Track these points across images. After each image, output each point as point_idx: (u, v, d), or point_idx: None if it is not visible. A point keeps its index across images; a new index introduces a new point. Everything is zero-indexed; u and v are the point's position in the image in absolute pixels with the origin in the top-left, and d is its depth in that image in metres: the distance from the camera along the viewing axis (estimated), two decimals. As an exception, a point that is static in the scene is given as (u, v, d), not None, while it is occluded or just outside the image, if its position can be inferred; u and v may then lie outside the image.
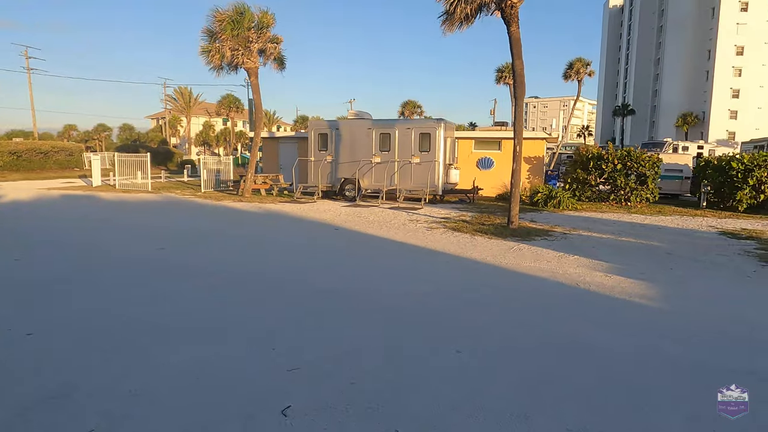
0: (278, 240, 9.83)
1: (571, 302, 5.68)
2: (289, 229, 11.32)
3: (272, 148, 22.49)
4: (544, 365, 3.90)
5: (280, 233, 10.69)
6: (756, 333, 4.76)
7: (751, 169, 15.55)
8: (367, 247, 9.09)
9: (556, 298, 5.82)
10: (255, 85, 17.34)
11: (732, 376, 3.58)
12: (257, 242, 9.51)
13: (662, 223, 12.70)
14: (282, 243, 9.48)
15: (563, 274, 6.92)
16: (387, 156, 16.92)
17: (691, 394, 3.47)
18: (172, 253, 8.22)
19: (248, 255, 8.19)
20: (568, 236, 10.16)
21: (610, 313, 5.33)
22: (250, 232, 10.80)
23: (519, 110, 10.63)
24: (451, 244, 9.09)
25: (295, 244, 9.30)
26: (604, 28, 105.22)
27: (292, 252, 8.55)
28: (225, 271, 6.93)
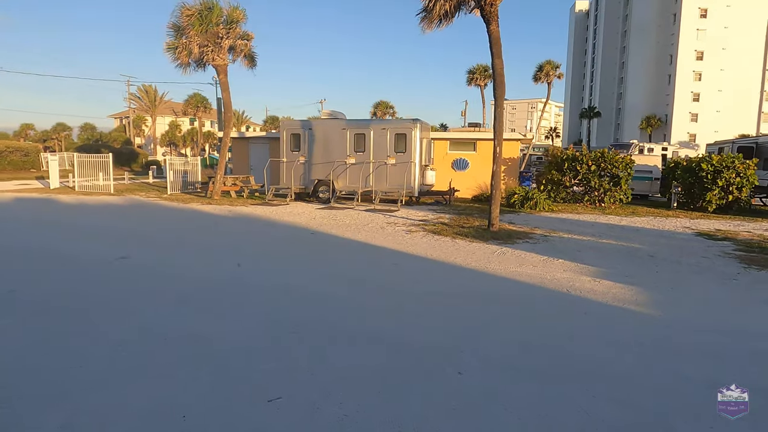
0: (251, 245, 9.31)
1: (566, 313, 5.42)
2: (262, 233, 10.79)
3: (242, 148, 21.79)
4: (565, 396, 3.59)
5: (253, 238, 10.17)
6: (759, 344, 4.59)
7: (720, 170, 15.83)
8: (346, 254, 8.67)
9: (550, 308, 5.55)
10: (224, 83, 16.67)
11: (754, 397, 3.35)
12: (228, 247, 8.98)
13: (638, 224, 12.73)
14: (256, 248, 8.97)
15: (552, 279, 6.68)
16: (362, 157, 16.53)
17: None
18: (137, 260, 7.63)
19: (220, 262, 7.67)
20: (550, 239, 9.99)
21: (607, 324, 5.08)
22: (220, 237, 10.23)
23: (499, 111, 10.41)
24: (432, 248, 8.77)
25: (270, 251, 8.80)
26: (571, 32, 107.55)
27: (267, 259, 8.06)
28: (197, 278, 6.42)
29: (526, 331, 4.76)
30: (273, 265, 7.52)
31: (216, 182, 17.09)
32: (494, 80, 10.40)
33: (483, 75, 48.62)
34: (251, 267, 7.29)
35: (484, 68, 48.56)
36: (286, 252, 8.68)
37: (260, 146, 21.09)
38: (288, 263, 7.70)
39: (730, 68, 63.59)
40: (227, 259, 7.77)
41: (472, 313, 5.29)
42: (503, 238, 9.79)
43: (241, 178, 18.90)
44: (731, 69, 63.56)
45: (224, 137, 17.28)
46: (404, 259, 7.96)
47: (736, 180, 15.73)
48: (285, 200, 16.71)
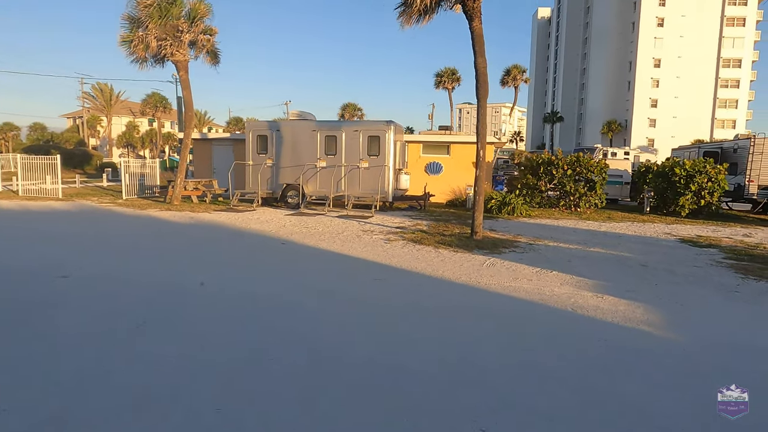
0: (214, 259, 8.40)
1: (582, 338, 4.83)
2: (227, 244, 9.87)
3: (205, 150, 20.63)
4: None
5: (217, 249, 9.24)
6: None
7: (693, 175, 15.86)
8: (321, 266, 7.89)
9: (561, 333, 4.96)
10: (185, 80, 15.56)
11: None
12: (188, 261, 8.05)
13: (618, 230, 12.45)
14: (220, 262, 8.07)
15: (552, 295, 6.11)
16: (333, 160, 15.74)
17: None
18: (78, 278, 6.63)
19: (180, 278, 6.76)
20: (536, 247, 9.49)
21: (630, 353, 4.51)
22: (179, 248, 9.25)
23: (482, 112, 9.86)
24: (416, 260, 8.10)
25: (237, 265, 7.92)
26: (534, 38, 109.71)
27: (233, 276, 7.19)
28: (149, 298, 5.52)
29: (548, 365, 4.13)
30: (241, 283, 6.67)
31: (176, 186, 15.94)
32: (477, 80, 9.84)
33: (451, 78, 48.71)
34: (215, 287, 6.42)
35: (451, 71, 48.67)
36: (255, 266, 7.82)
37: (224, 148, 20.00)
38: (258, 278, 6.86)
39: (686, 76, 65.93)
40: (188, 277, 6.87)
41: (474, 340, 4.63)
42: (488, 247, 9.22)
43: (204, 182, 17.80)
44: (686, 76, 65.92)
45: (185, 138, 16.15)
46: (387, 273, 7.25)
47: (707, 185, 15.80)
48: (251, 206, 15.74)
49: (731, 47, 65.84)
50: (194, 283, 6.34)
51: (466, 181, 18.44)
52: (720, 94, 66.67)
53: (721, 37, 65.81)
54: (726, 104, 66.87)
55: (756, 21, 65.96)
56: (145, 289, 6.11)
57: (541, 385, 3.71)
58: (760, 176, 18.08)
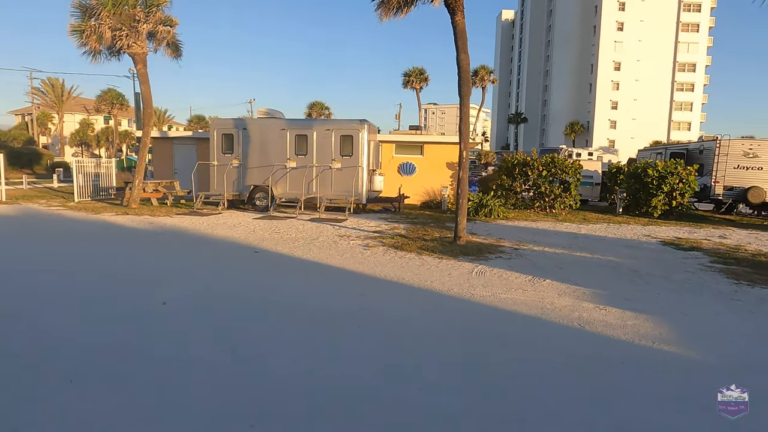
0: (179, 271, 7.60)
1: (597, 361, 4.37)
2: (191, 253, 9.03)
3: (165, 149, 19.47)
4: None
5: (180, 259, 8.42)
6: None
7: (665, 176, 15.93)
8: (301, 280, 7.20)
9: (577, 355, 4.48)
10: (143, 74, 14.47)
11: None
12: (146, 276, 7.22)
13: (597, 232, 12.26)
14: (187, 275, 7.28)
15: (553, 308, 5.66)
16: (304, 160, 15.00)
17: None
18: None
19: (133, 300, 5.97)
20: (522, 252, 9.09)
21: (649, 373, 4.08)
22: (135, 260, 8.38)
23: (465, 110, 9.39)
24: (401, 268, 7.53)
25: (206, 280, 7.15)
26: (498, 40, 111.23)
27: (203, 291, 6.44)
28: (88, 338, 4.75)
29: (574, 398, 3.63)
30: (211, 301, 5.94)
31: (134, 188, 14.83)
32: (459, 77, 9.36)
33: (419, 78, 48.48)
34: (180, 307, 5.68)
35: (419, 71, 48.45)
36: (226, 280, 7.06)
37: (186, 147, 18.92)
38: (232, 296, 6.13)
39: (644, 79, 68.04)
40: (146, 295, 6.08)
41: (490, 372, 4.10)
42: (473, 253, 8.75)
43: (164, 183, 16.72)
44: (645, 79, 68.04)
45: (143, 136, 15.06)
46: (373, 286, 6.65)
47: (679, 186, 15.90)
48: (216, 209, 14.82)
49: (686, 52, 68.37)
50: (155, 303, 5.57)
51: (441, 182, 18.04)
52: (676, 97, 69.13)
53: (676, 42, 68.25)
54: (681, 107, 69.40)
55: (708, 27, 68.69)
56: (87, 322, 5.30)
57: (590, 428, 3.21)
58: (725, 177, 18.44)
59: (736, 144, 18.39)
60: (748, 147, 18.40)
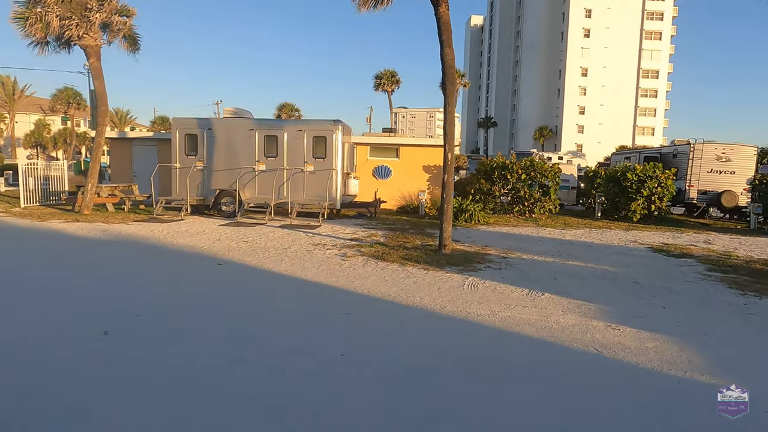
0: (128, 290, 6.63)
1: (632, 398, 3.71)
2: (146, 266, 8.04)
3: (123, 151, 18.17)
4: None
5: (132, 275, 7.43)
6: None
7: (644, 180, 15.71)
8: (276, 301, 6.37)
9: (605, 389, 3.82)
10: (96, 68, 13.27)
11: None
12: (89, 295, 6.24)
13: (582, 238, 11.81)
14: (138, 297, 6.33)
15: (560, 328, 5.02)
16: (274, 163, 14.08)
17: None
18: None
19: (74, 325, 5.02)
20: (511, 261, 8.48)
21: (699, 413, 3.44)
22: (81, 275, 7.35)
23: (450, 109, 8.72)
24: (384, 282, 6.77)
25: (161, 301, 6.22)
26: (467, 45, 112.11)
27: (155, 316, 5.52)
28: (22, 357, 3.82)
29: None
30: (164, 331, 5.05)
31: (87, 192, 13.59)
32: (444, 73, 8.69)
33: (390, 80, 47.91)
34: (124, 339, 4.77)
35: (391, 73, 47.89)
36: (184, 301, 6.15)
37: (146, 149, 17.68)
38: (189, 324, 5.25)
39: (610, 84, 69.48)
40: (85, 323, 5.14)
41: (516, 415, 3.38)
42: (461, 263, 8.07)
43: (121, 187, 15.48)
44: (611, 85, 69.49)
45: (97, 136, 13.82)
46: (355, 303, 5.87)
47: (658, 190, 15.71)
48: (178, 214, 13.72)
49: (650, 59, 70.17)
50: (95, 334, 4.64)
51: (417, 186, 17.39)
52: (640, 103, 70.83)
53: (640, 50, 69.97)
54: (646, 112, 71.14)
55: (670, 35, 70.75)
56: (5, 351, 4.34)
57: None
58: (699, 181, 18.45)
59: (709, 148, 18.41)
60: (721, 151, 18.45)
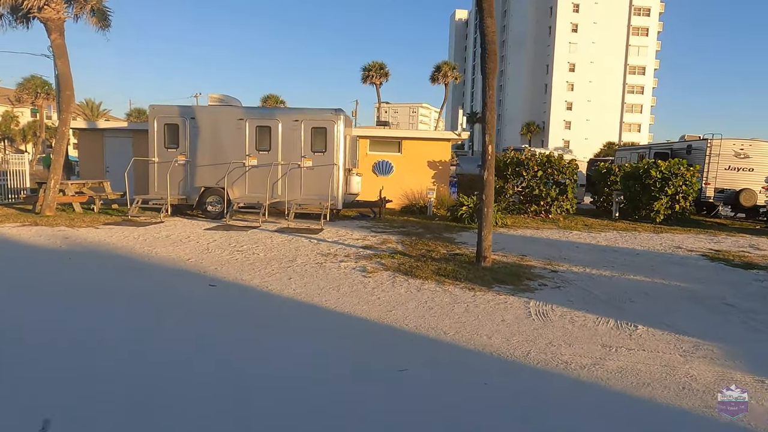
0: (92, 328, 5.00)
1: None
2: (113, 294, 6.37)
3: (94, 143, 16.29)
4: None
5: (90, 306, 5.78)
6: None
7: (669, 177, 14.52)
8: (291, 345, 4.81)
9: None
10: (59, 45, 11.40)
11: None
12: (35, 340, 4.61)
13: (620, 243, 10.51)
14: (105, 336, 4.70)
15: (701, 390, 3.58)
16: (267, 157, 12.43)
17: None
18: None
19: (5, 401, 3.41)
20: (563, 276, 7.06)
21: None
22: (29, 303, 5.67)
23: (490, 92, 7.24)
24: (428, 310, 5.26)
25: (139, 346, 4.60)
26: (451, 39, 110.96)
27: (129, 370, 3.92)
28: None
29: None
30: (140, 400, 3.47)
31: (49, 190, 11.74)
32: (483, 49, 7.21)
33: (379, 73, 46.31)
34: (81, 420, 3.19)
35: (380, 66, 46.29)
36: (167, 347, 4.56)
37: (120, 140, 15.85)
38: (173, 390, 3.68)
39: (597, 80, 68.97)
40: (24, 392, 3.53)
41: None
42: (508, 280, 6.62)
43: (91, 183, 13.64)
44: (598, 81, 68.98)
45: (61, 125, 11.95)
46: (405, 347, 4.35)
47: (683, 188, 14.55)
48: (157, 216, 11.98)
49: (636, 55, 69.88)
50: (33, 427, 3.04)
51: (421, 183, 15.93)
52: (627, 99, 70.54)
53: (627, 45, 69.62)
54: (632, 109, 70.89)
55: (657, 32, 70.54)
56: None
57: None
58: (716, 179, 17.43)
59: (727, 144, 17.43)
60: (740, 147, 17.49)
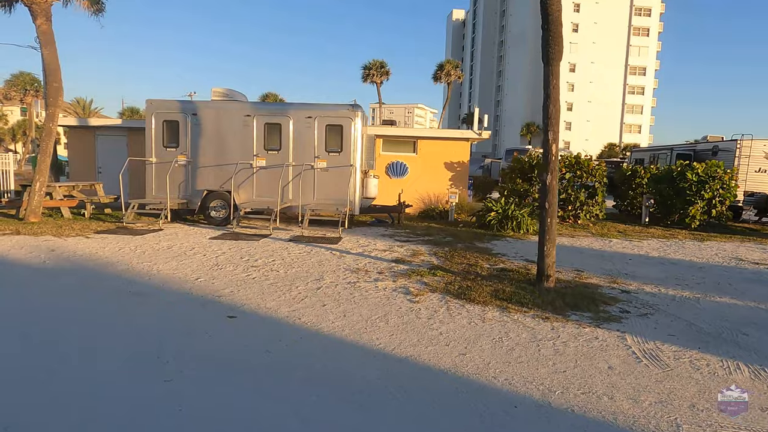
0: (74, 395, 3.85)
1: None
2: (105, 332, 5.21)
3: (85, 141, 15.06)
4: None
5: (75, 351, 4.61)
6: None
7: (705, 181, 13.53)
8: (344, 409, 3.67)
9: None
10: (45, 32, 10.18)
11: None
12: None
13: (671, 254, 9.46)
14: (88, 405, 3.55)
15: None
16: (277, 157, 11.28)
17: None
18: None
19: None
20: (640, 298, 5.98)
21: None
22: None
23: (555, 82, 6.15)
24: (508, 353, 4.16)
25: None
26: (448, 39, 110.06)
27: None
28: None
29: None
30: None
31: (33, 193, 10.51)
32: (547, 32, 6.11)
33: (379, 71, 45.22)
34: None
35: (380, 64, 45.22)
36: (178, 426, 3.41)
37: (114, 139, 14.63)
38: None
39: (598, 81, 68.22)
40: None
41: None
42: (583, 305, 5.53)
43: (82, 186, 12.42)
44: (598, 82, 68.23)
45: (47, 121, 10.72)
46: (511, 425, 3.25)
47: (720, 192, 13.57)
48: (156, 222, 10.81)
49: (637, 56, 69.22)
50: None
51: (438, 186, 14.85)
52: (628, 100, 69.85)
53: (628, 46, 68.93)
54: (633, 110, 70.22)
55: (658, 32, 69.93)
56: None
57: None
58: (746, 182, 16.51)
59: (758, 145, 16.54)
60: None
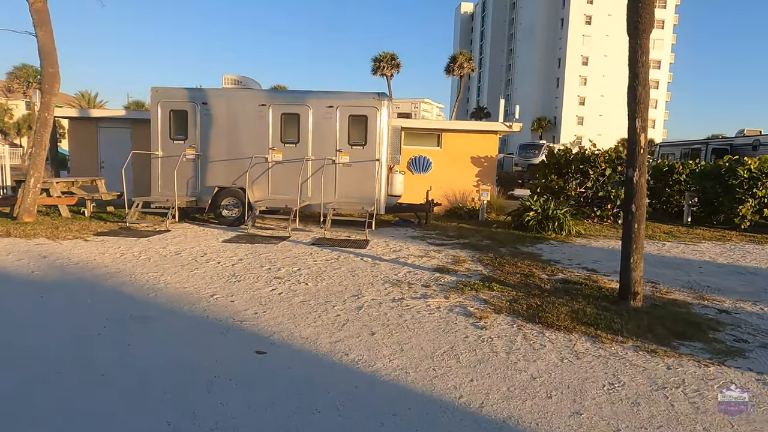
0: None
1: None
2: (101, 361, 4.19)
3: (88, 134, 14.08)
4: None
5: (58, 404, 3.60)
6: None
7: (758, 178, 12.41)
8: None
9: None
10: (40, 10, 9.13)
11: None
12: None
13: (740, 259, 8.41)
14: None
15: None
16: (295, 151, 10.25)
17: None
18: None
19: None
20: (745, 320, 4.93)
21: None
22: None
23: (644, 58, 5.12)
24: (635, 415, 3.13)
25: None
26: (456, 33, 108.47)
27: None
28: None
29: None
30: None
31: (28, 190, 9.52)
32: (634, 3, 5.02)
33: (390, 64, 44.05)
34: None
35: (391, 56, 44.05)
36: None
37: (117, 131, 13.64)
38: None
39: (611, 74, 66.58)
40: None
41: None
42: (686, 331, 4.48)
43: (82, 182, 11.44)
44: (612, 75, 66.58)
45: (42, 110, 9.69)
46: None
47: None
48: (163, 221, 9.81)
49: (651, 48, 67.20)
50: None
51: (463, 181, 13.79)
52: (642, 94, 68.19)
53: (642, 38, 67.22)
54: (647, 104, 68.59)
55: (672, 24, 68.25)
56: None
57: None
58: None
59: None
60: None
